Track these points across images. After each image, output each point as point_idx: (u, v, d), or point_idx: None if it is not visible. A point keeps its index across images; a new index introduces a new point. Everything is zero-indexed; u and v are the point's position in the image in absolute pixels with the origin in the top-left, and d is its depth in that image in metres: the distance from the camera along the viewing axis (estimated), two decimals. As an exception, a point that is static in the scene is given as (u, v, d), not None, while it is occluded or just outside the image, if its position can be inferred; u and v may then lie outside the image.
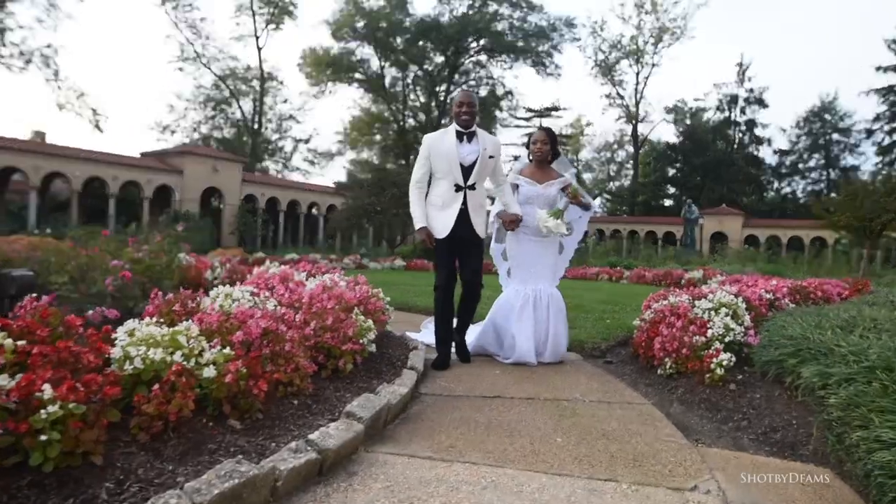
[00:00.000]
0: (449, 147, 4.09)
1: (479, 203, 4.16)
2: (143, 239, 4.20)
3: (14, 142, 21.44)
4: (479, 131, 4.18)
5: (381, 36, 48.03)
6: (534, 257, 4.54)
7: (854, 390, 2.52)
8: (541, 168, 4.65)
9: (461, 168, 4.08)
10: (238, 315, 2.58)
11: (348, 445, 2.25)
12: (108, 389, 1.76)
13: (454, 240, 4.09)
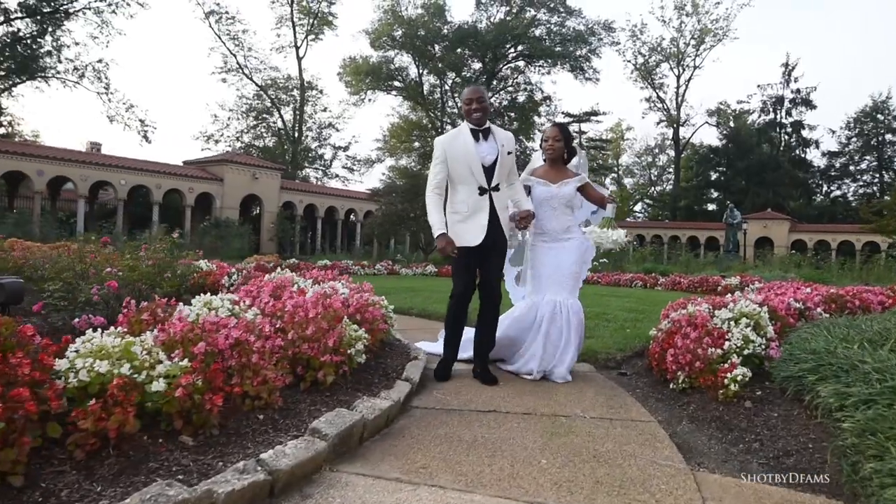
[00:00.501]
0: (466, 148, 3.77)
1: (503, 205, 3.89)
2: (154, 246, 4.17)
3: (64, 152, 22.25)
4: (493, 127, 3.88)
5: (419, 44, 48.30)
6: (552, 265, 4.17)
7: (872, 414, 2.26)
8: (555, 167, 4.32)
9: (483, 169, 3.78)
10: (204, 325, 2.48)
11: (306, 465, 2.11)
12: (29, 405, 1.66)
13: (483, 248, 3.80)
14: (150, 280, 3.74)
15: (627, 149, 61.52)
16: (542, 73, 51.00)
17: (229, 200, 26.48)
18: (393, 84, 50.16)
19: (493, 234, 3.81)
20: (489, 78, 50.72)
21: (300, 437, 2.28)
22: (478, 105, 3.78)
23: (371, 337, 3.71)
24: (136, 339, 2.22)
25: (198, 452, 2.05)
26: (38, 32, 31.96)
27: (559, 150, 4.27)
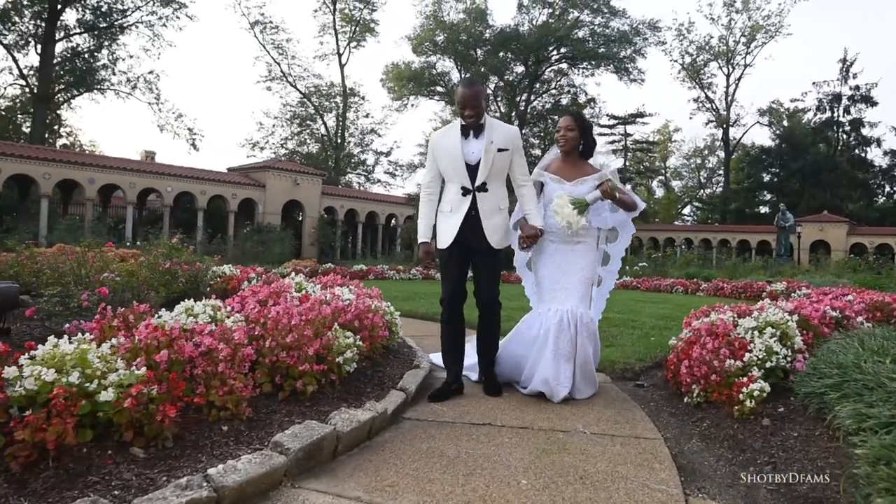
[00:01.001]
0: (452, 144, 3.51)
1: (493, 207, 3.53)
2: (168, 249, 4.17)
3: (114, 161, 23.09)
4: (490, 122, 3.54)
5: (461, 49, 48.38)
6: (561, 268, 3.71)
7: (890, 440, 2.00)
8: (570, 161, 3.84)
9: (466, 167, 3.49)
10: (172, 332, 2.41)
11: (259, 481, 2.00)
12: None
13: (462, 250, 3.55)
14: (150, 284, 3.73)
15: (675, 151, 60.04)
16: (585, 75, 50.35)
17: (271, 206, 26.95)
18: (435, 89, 50.43)
19: (472, 237, 3.51)
20: (531, 81, 50.38)
21: (260, 450, 2.17)
22: (471, 111, 3.45)
23: (366, 344, 3.59)
24: (92, 347, 2.16)
25: (146, 466, 1.97)
26: (96, 47, 33.38)
27: (572, 141, 3.81)
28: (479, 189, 3.51)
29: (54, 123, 35.19)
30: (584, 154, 3.89)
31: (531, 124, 53.26)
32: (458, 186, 3.52)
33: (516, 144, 3.59)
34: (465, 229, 3.50)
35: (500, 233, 3.57)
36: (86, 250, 3.90)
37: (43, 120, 30.95)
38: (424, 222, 3.58)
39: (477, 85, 3.52)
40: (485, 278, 3.61)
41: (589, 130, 3.90)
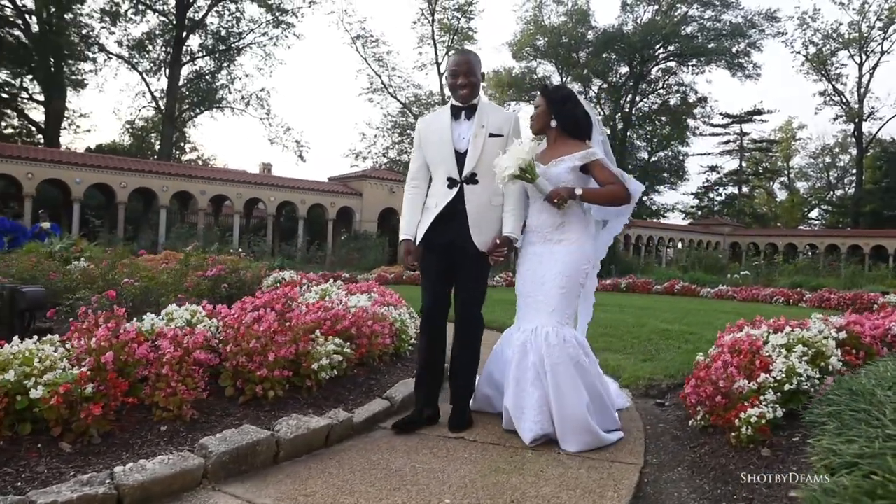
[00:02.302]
0: (441, 128, 3.04)
1: (483, 203, 3.01)
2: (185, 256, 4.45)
3: (222, 172, 25.05)
4: (484, 103, 3.09)
5: (563, 52, 47.69)
6: (536, 275, 3.06)
7: (831, 483, 1.71)
8: (551, 142, 3.19)
9: (455, 155, 3.01)
10: (127, 335, 2.55)
11: (167, 481, 2.06)
12: None
13: (443, 250, 3.06)
14: (167, 288, 3.98)
15: (800, 149, 55.48)
16: (695, 72, 47.86)
17: (368, 213, 27.85)
18: (536, 94, 49.99)
19: (454, 235, 3.01)
20: (636, 81, 48.64)
21: (182, 452, 2.24)
22: (464, 80, 2.96)
23: (357, 352, 3.61)
24: (43, 348, 2.33)
25: (66, 460, 2.09)
26: (216, 69, 36.30)
27: (540, 118, 3.14)
28: (468, 180, 3.01)
29: (180, 140, 38.58)
30: (569, 130, 3.13)
31: (636, 126, 51.38)
32: (444, 177, 3.03)
33: (514, 130, 3.08)
34: (448, 226, 3.01)
35: (489, 233, 3.03)
36: (116, 259, 4.23)
37: (170, 137, 34.03)
38: (407, 219, 3.15)
39: (471, 54, 3.08)
40: (463, 284, 3.10)
41: (562, 100, 3.14)
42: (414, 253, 3.13)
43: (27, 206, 20.05)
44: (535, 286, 3.04)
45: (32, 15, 29.93)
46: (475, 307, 3.16)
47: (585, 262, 3.11)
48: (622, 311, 9.31)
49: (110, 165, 22.42)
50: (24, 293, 3.52)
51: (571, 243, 3.07)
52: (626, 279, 16.59)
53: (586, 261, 3.12)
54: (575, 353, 2.92)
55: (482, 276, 3.19)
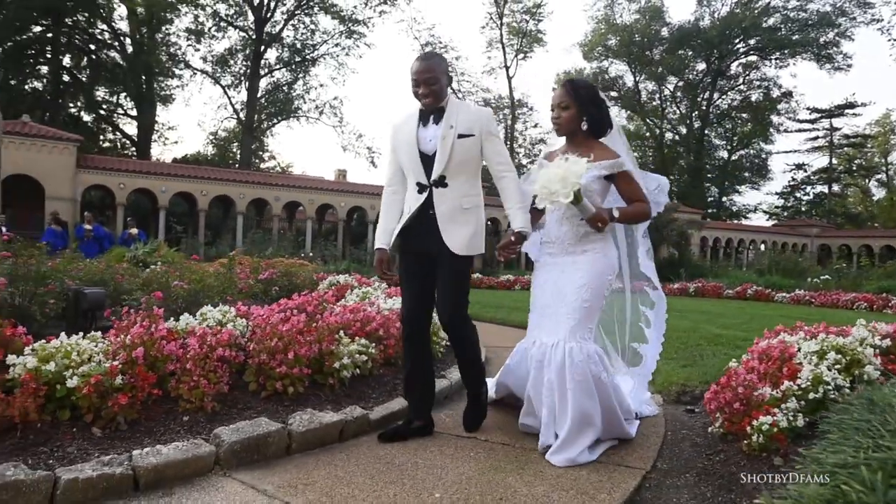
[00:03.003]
0: (409, 132, 2.96)
1: (454, 207, 2.90)
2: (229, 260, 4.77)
3: (295, 179, 26.21)
4: (453, 104, 2.94)
5: (636, 50, 46.64)
6: (551, 289, 2.95)
7: (811, 491, 1.69)
8: (574, 145, 2.98)
9: (422, 158, 2.93)
10: (158, 333, 2.81)
11: (179, 465, 2.27)
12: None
13: (419, 257, 3.00)
14: (212, 291, 4.28)
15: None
16: (778, 66, 45.61)
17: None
18: (608, 94, 49.15)
19: (427, 241, 2.93)
20: (714, 78, 46.82)
21: (196, 440, 2.45)
22: (426, 89, 2.84)
23: (381, 354, 3.76)
24: (83, 343, 2.61)
25: (95, 443, 2.34)
26: (292, 80, 37.86)
27: (568, 122, 2.94)
28: (437, 184, 2.91)
29: (259, 149, 40.43)
30: (594, 131, 3.00)
31: (714, 124, 49.41)
32: (413, 182, 2.98)
33: (485, 128, 2.94)
34: (420, 232, 2.96)
35: (463, 237, 2.90)
36: (168, 262, 4.59)
37: (249, 147, 35.77)
38: (382, 226, 3.09)
39: (433, 59, 2.91)
40: (441, 291, 2.98)
41: (591, 101, 2.95)
42: (387, 262, 3.09)
43: (119, 214, 21.65)
44: (556, 298, 2.91)
45: (127, 37, 32.32)
46: (458, 313, 3.01)
47: (610, 272, 2.99)
48: (682, 316, 9.04)
49: (192, 175, 23.89)
50: (86, 294, 3.90)
51: (596, 252, 2.92)
52: (695, 283, 16.04)
53: (611, 271, 3.00)
54: (597, 370, 2.81)
55: (460, 281, 3.02)
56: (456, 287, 2.98)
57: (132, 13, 31.36)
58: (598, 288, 2.91)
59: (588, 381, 2.76)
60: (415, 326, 3.03)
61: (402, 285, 3.10)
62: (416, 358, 3.05)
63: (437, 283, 3.00)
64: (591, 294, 2.87)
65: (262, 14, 34.75)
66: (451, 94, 3.01)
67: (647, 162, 51.72)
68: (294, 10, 36.10)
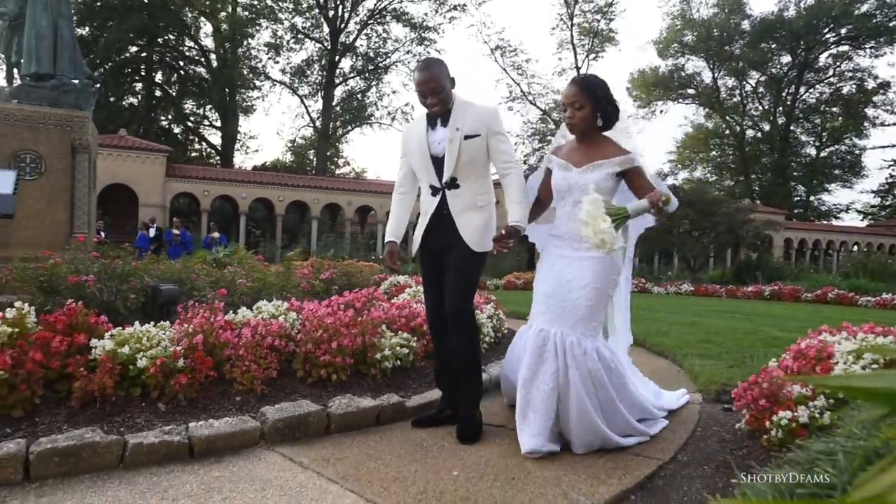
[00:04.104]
0: (419, 137, 3.04)
1: (467, 205, 2.99)
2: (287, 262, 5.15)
3: (365, 184, 26.98)
4: (459, 105, 2.99)
5: (714, 45, 44.96)
6: (562, 279, 2.95)
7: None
8: (585, 142, 2.98)
9: (433, 162, 3.01)
10: (217, 323, 3.16)
11: (228, 438, 2.58)
12: (29, 365, 2.50)
13: (432, 254, 3.12)
14: (271, 287, 4.66)
15: None
16: (873, 55, 42.69)
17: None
18: (685, 92, 47.63)
19: (442, 238, 3.03)
20: (801, 71, 44.45)
21: (244, 416, 2.77)
22: (433, 98, 2.92)
23: (425, 347, 3.99)
24: (153, 330, 2.99)
25: (160, 416, 2.70)
26: (366, 88, 39.01)
27: (582, 121, 2.91)
28: (449, 186, 2.99)
29: (334, 156, 41.85)
30: (604, 127, 2.99)
31: (801, 120, 46.83)
32: (427, 185, 3.07)
33: (491, 127, 2.98)
34: (439, 232, 3.04)
35: (478, 231, 2.98)
36: (238, 264, 5.07)
37: (325, 153, 37.10)
38: (392, 222, 3.23)
39: (434, 66, 2.95)
40: (449, 282, 3.03)
41: (604, 99, 2.93)
42: (397, 254, 3.19)
43: (203, 219, 23.06)
44: (561, 288, 2.93)
45: (212, 53, 34.37)
46: (461, 306, 3.01)
47: (615, 272, 3.01)
48: (747, 319, 8.81)
49: (270, 181, 25.12)
50: (161, 290, 4.36)
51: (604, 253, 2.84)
52: (771, 286, 15.40)
53: (616, 272, 3.02)
54: (594, 367, 2.82)
55: (468, 275, 3.05)
56: (463, 279, 3.02)
57: (217, 30, 33.37)
58: (603, 288, 2.94)
59: (585, 377, 2.79)
60: (439, 323, 3.14)
61: (424, 285, 3.25)
62: (442, 351, 3.18)
63: (447, 275, 3.04)
64: (595, 294, 2.90)
65: (336, 25, 36.04)
66: (457, 94, 3.04)
67: (726, 161, 49.70)
68: (367, 19, 37.22)
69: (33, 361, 2.54)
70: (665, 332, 6.85)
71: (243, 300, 4.44)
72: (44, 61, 5.84)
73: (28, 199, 5.32)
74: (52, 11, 5.89)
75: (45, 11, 5.87)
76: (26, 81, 5.93)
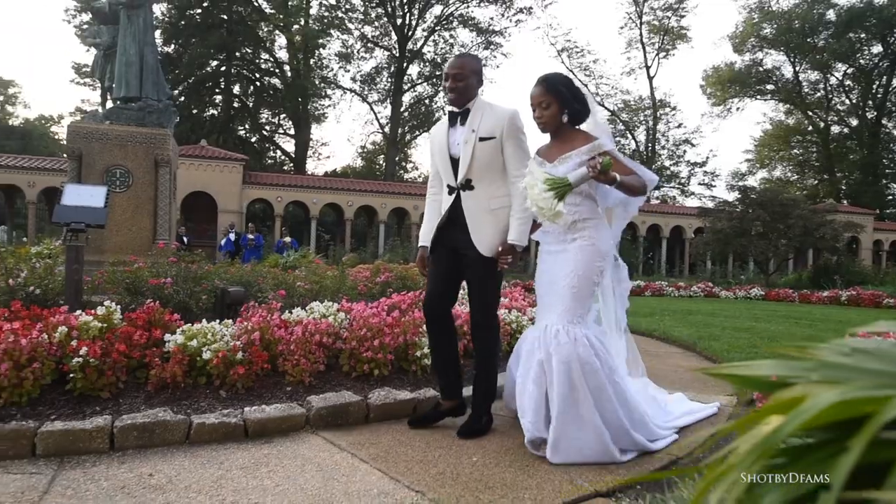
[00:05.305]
0: (440, 136, 3.09)
1: (481, 208, 3.01)
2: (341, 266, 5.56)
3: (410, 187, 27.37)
4: (479, 105, 3.03)
5: (796, 37, 42.90)
6: (550, 275, 3.00)
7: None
8: (558, 138, 3.02)
9: (451, 162, 3.05)
10: (273, 321, 3.56)
11: (277, 422, 2.94)
12: (115, 355, 2.95)
13: (448, 251, 3.13)
14: (325, 292, 5.06)
15: None
16: (978, 41, 39.50)
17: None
18: (764, 88, 45.67)
19: (456, 239, 3.06)
20: (894, 61, 41.65)
21: (292, 404, 3.13)
22: (452, 83, 2.97)
23: (463, 346, 4.26)
24: (217, 327, 3.41)
25: (221, 402, 3.10)
26: (433, 93, 39.68)
27: (551, 119, 2.95)
28: (464, 187, 3.02)
29: (402, 161, 42.79)
30: (574, 122, 3.02)
31: (893, 114, 43.90)
32: (445, 184, 3.11)
33: (508, 130, 2.97)
34: (451, 233, 3.09)
35: (490, 237, 3.00)
36: (306, 268, 5.48)
37: (393, 158, 38.02)
38: (426, 226, 3.24)
39: (466, 57, 3.04)
40: (471, 292, 3.15)
41: (572, 97, 2.95)
42: (427, 259, 3.24)
43: (277, 224, 24.24)
44: (549, 286, 2.99)
45: (286, 64, 35.98)
46: (483, 314, 3.12)
47: (600, 259, 2.96)
48: (811, 325, 8.57)
49: (339, 187, 26.08)
50: (229, 292, 4.83)
51: (585, 240, 2.92)
52: (849, 291, 14.70)
53: (601, 258, 2.96)
54: (585, 353, 2.77)
55: (490, 282, 3.10)
56: (483, 288, 3.10)
57: (290, 42, 34.91)
58: (586, 274, 2.90)
59: (574, 365, 2.74)
60: (434, 311, 3.16)
61: (428, 274, 3.25)
62: (437, 341, 3.20)
63: (468, 284, 3.15)
64: (578, 280, 2.89)
65: (404, 33, 36.92)
66: (479, 95, 3.08)
67: (809, 159, 47.24)
68: (434, 26, 37.91)
69: (118, 352, 3.00)
70: (717, 337, 6.83)
71: (302, 301, 4.85)
72: (131, 85, 6.54)
73: (117, 209, 5.98)
74: (139, 40, 6.57)
75: (134, 41, 6.56)
76: (117, 104, 6.64)
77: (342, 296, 5.13)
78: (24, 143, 40.69)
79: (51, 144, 42.13)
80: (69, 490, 2.26)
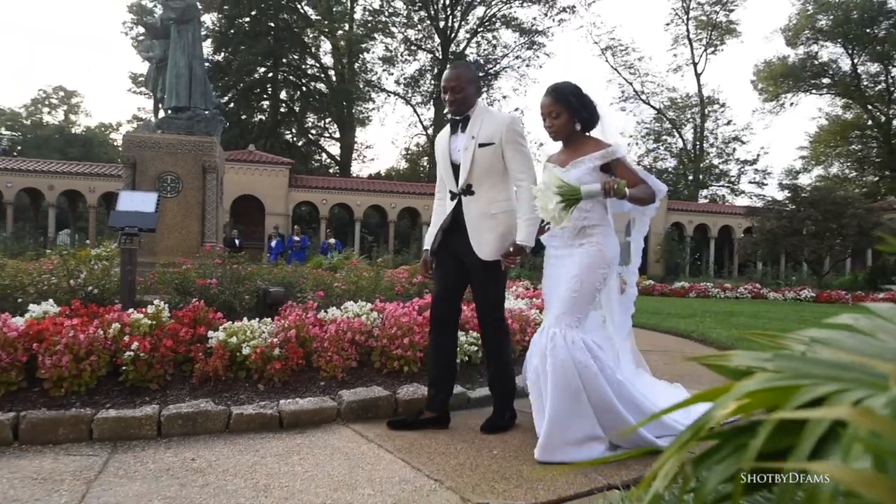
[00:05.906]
0: (443, 142, 3.17)
1: (481, 213, 3.05)
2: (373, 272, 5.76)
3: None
4: (479, 112, 3.08)
5: (854, 28, 41.25)
6: (555, 278, 3.03)
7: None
8: (570, 145, 3.05)
9: (453, 168, 3.12)
10: (307, 320, 3.76)
11: (311, 414, 3.13)
12: (162, 349, 3.19)
13: (451, 257, 3.18)
14: (358, 290, 5.25)
15: None
16: None
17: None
18: (819, 82, 44.06)
19: (457, 245, 3.12)
20: (961, 51, 39.59)
21: (324, 397, 3.32)
22: (451, 96, 3.04)
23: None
24: (256, 324, 3.63)
25: (259, 394, 3.31)
26: (476, 94, 39.84)
27: (560, 128, 3.00)
28: (465, 192, 3.07)
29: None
30: (586, 129, 3.07)
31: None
32: (447, 190, 3.19)
33: (507, 136, 3.02)
34: (453, 238, 3.15)
35: (491, 242, 3.05)
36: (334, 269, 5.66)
37: (431, 160, 38.34)
38: (431, 230, 3.31)
39: (461, 67, 3.11)
40: (476, 294, 3.21)
41: (581, 106, 3.00)
42: (429, 264, 3.31)
43: (321, 226, 24.80)
44: (552, 290, 3.03)
45: (331, 69, 36.75)
46: (492, 310, 3.19)
47: (604, 265, 2.95)
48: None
49: (383, 189, 26.51)
50: (270, 292, 5.07)
51: (591, 245, 2.93)
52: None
53: (605, 265, 2.96)
54: (582, 357, 2.77)
55: (495, 284, 3.16)
56: (488, 290, 3.17)
57: (335, 47, 35.64)
58: (588, 279, 2.91)
59: (569, 368, 2.74)
60: (440, 316, 3.22)
61: (434, 279, 3.31)
62: (441, 351, 3.22)
63: (472, 287, 3.21)
64: (580, 285, 2.89)
65: (447, 35, 37.21)
66: (480, 102, 3.13)
67: (869, 155, 45.30)
68: (477, 27, 38.07)
69: (165, 347, 3.25)
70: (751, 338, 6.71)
71: (338, 301, 5.06)
72: (181, 96, 6.91)
73: (168, 214, 6.34)
74: (188, 53, 6.94)
75: (183, 54, 6.93)
76: (167, 114, 7.03)
77: (378, 296, 5.31)
78: (86, 150, 42.79)
79: (110, 151, 44.12)
80: (121, 471, 2.49)
